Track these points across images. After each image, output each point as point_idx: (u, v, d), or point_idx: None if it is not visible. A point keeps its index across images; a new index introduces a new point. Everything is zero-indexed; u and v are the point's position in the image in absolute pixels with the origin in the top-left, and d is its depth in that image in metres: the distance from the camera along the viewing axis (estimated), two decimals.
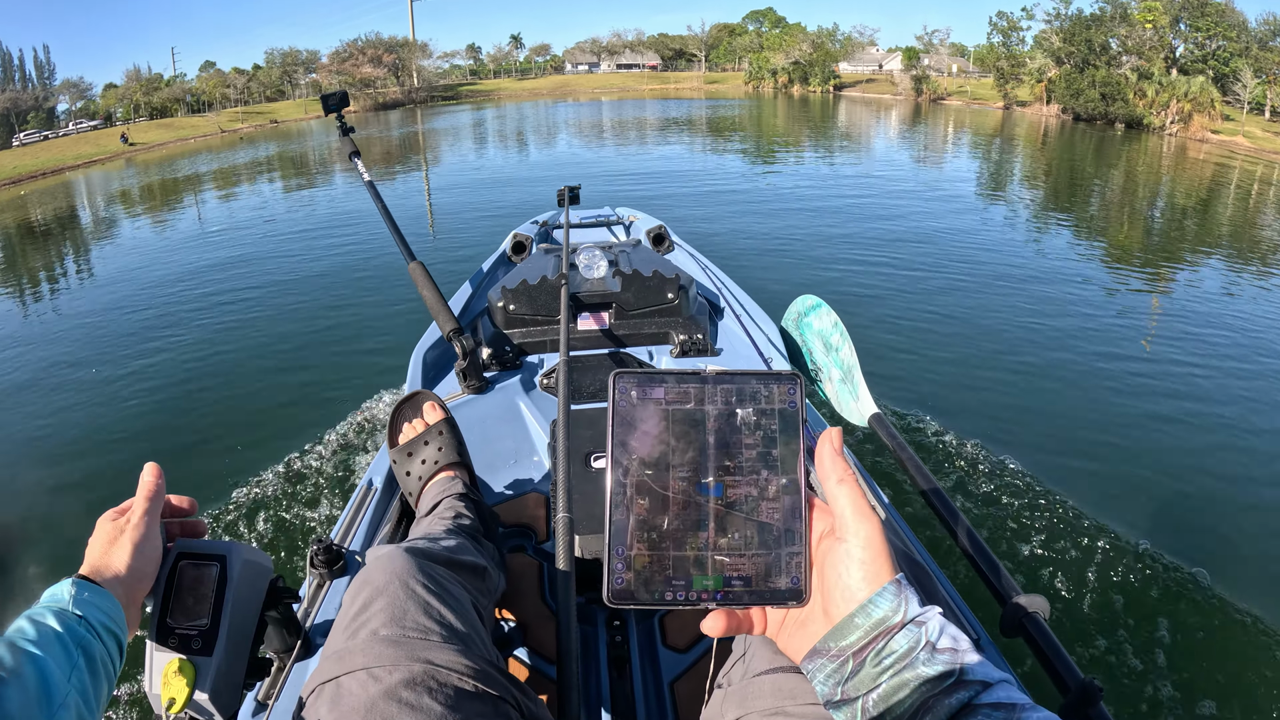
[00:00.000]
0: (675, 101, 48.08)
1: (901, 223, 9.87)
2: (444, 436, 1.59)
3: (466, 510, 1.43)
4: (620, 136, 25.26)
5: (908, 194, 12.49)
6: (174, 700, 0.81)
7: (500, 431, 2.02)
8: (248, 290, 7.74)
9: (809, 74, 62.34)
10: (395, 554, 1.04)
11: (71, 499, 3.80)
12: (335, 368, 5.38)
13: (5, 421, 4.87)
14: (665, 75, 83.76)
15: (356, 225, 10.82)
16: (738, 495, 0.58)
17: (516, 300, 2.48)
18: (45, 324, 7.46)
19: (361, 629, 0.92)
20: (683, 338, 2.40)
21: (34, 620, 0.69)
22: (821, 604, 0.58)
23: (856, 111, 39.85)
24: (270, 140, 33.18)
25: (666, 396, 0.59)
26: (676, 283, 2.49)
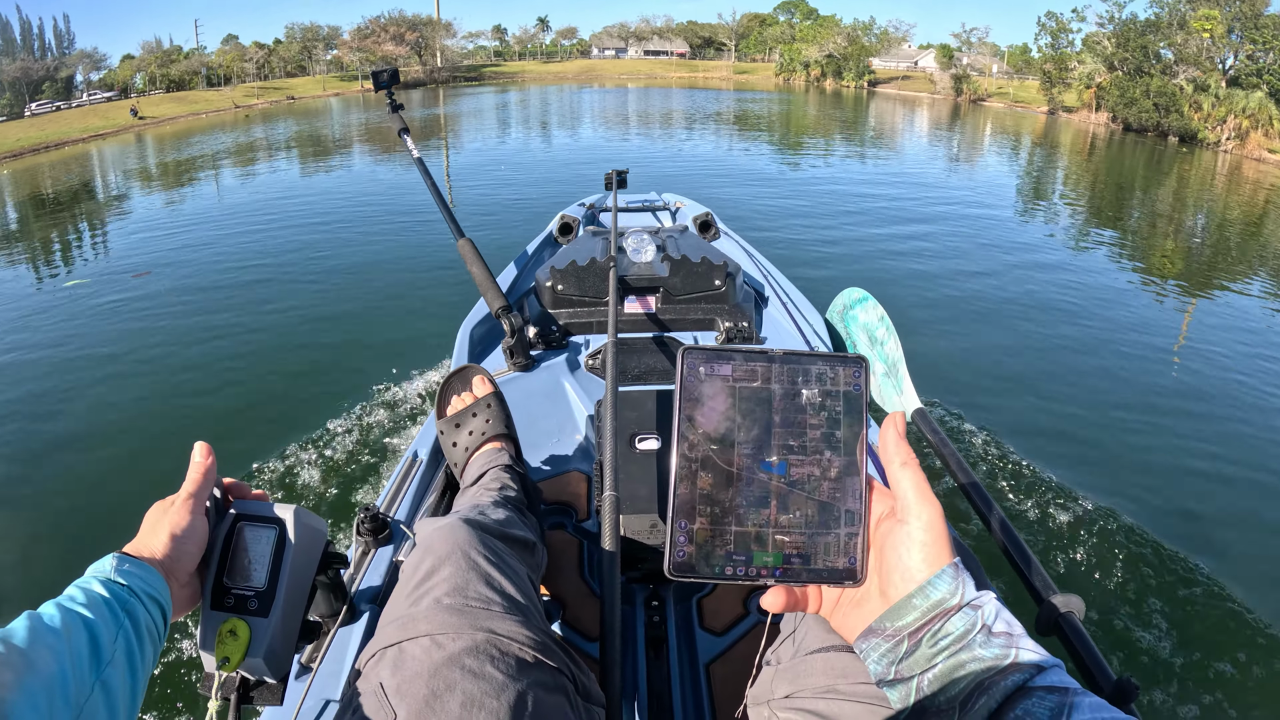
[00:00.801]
0: (704, 91, 47.94)
1: (942, 224, 9.94)
2: (492, 409, 1.63)
3: (512, 482, 1.47)
4: (650, 124, 25.31)
5: (948, 196, 12.55)
6: (228, 659, 0.83)
7: (544, 409, 2.09)
8: (293, 264, 7.95)
9: (843, 68, 61.79)
10: (457, 525, 1.08)
11: (121, 473, 3.92)
12: (379, 341, 5.53)
13: (43, 398, 4.98)
14: (694, 64, 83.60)
15: (402, 201, 11.05)
16: (800, 474, 0.60)
17: (564, 281, 2.54)
18: (82, 297, 7.59)
19: (424, 597, 0.95)
20: (728, 325, 2.46)
21: (81, 587, 0.72)
22: (879, 585, 0.60)
23: (893, 109, 39.66)
24: (289, 117, 33.23)
25: (734, 374, 0.61)
26: (724, 270, 2.55)
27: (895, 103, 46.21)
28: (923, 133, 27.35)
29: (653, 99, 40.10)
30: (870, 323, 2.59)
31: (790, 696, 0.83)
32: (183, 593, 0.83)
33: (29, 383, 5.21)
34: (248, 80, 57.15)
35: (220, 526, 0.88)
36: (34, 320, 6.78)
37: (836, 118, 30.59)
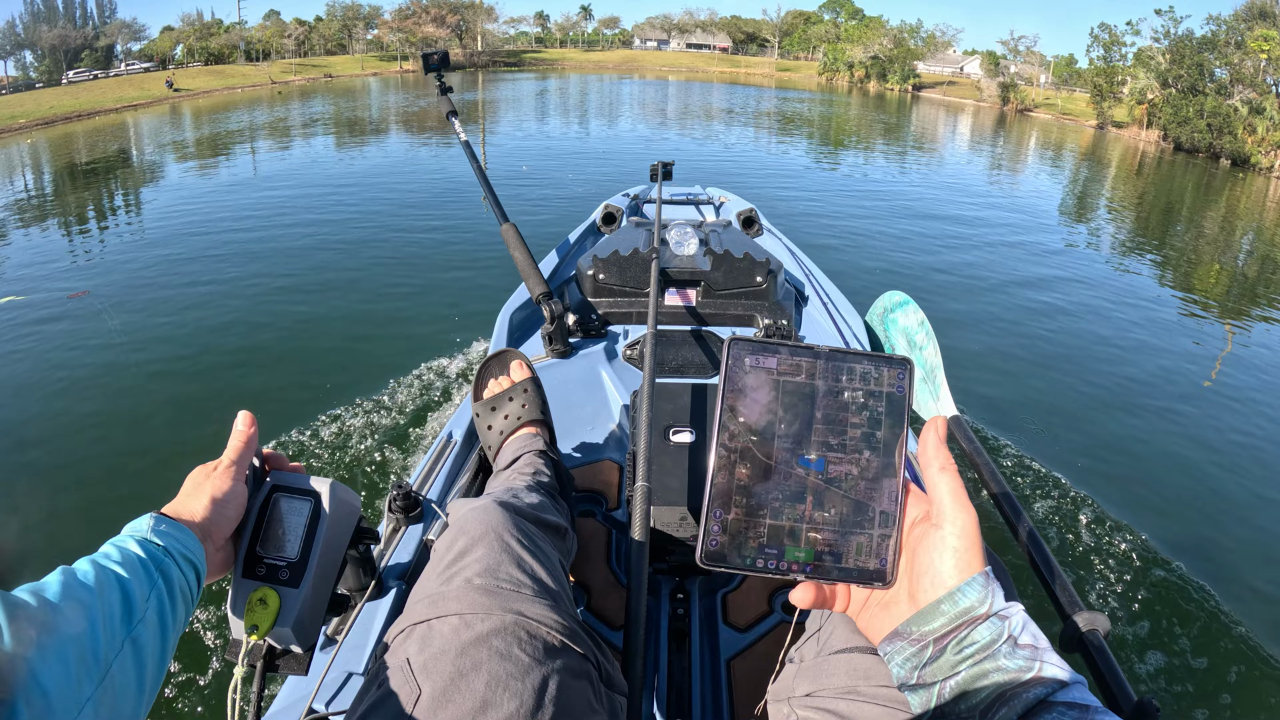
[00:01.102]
0: (745, 88, 47.64)
1: (983, 233, 9.88)
2: (528, 394, 1.64)
3: (545, 467, 1.47)
4: (690, 118, 25.23)
5: (991, 205, 12.45)
6: (257, 627, 0.84)
7: (580, 397, 2.11)
8: (329, 242, 8.03)
9: (887, 70, 61.33)
10: (491, 507, 1.09)
11: (160, 440, 4.00)
12: (415, 321, 5.61)
13: (87, 365, 5.05)
14: (736, 59, 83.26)
15: (440, 183, 11.17)
16: (838, 472, 0.61)
17: (606, 270, 2.57)
18: (125, 264, 7.68)
19: (456, 576, 0.95)
20: (767, 322, 2.47)
21: (116, 545, 0.73)
22: (908, 588, 0.61)
23: (938, 115, 39.23)
24: (326, 95, 33.37)
25: (779, 367, 0.62)
26: (766, 266, 2.56)
27: (940, 108, 45.73)
28: (967, 140, 27.05)
29: (694, 93, 39.99)
30: (910, 327, 2.61)
31: (811, 695, 0.83)
32: (217, 556, 0.85)
33: (64, 346, 5.32)
34: (287, 56, 57.58)
35: (257, 496, 0.90)
36: (69, 282, 6.91)
37: (879, 121, 30.29)
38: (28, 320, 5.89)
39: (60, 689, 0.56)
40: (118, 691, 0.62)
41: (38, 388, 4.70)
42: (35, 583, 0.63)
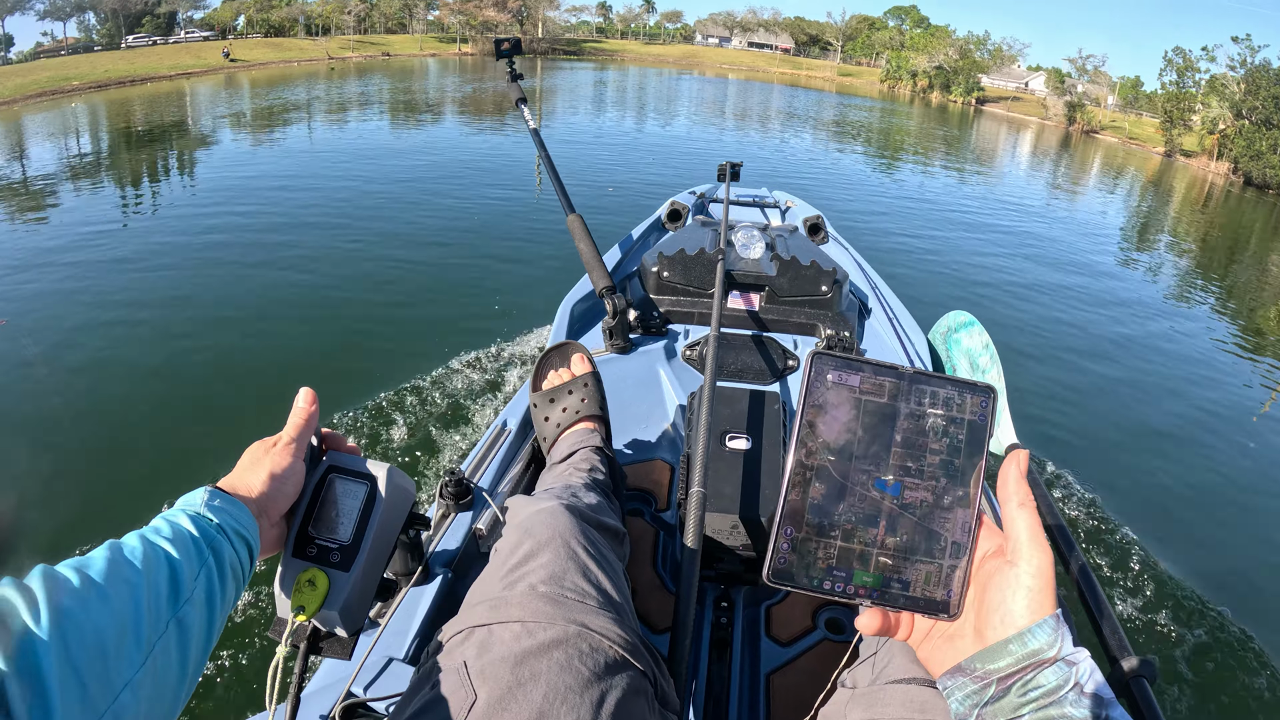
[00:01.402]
0: (806, 91, 47.23)
1: (1047, 254, 9.79)
2: (588, 389, 1.63)
3: (601, 464, 1.46)
4: (749, 119, 25.11)
5: (1056, 227, 12.31)
6: (304, 608, 0.83)
7: (636, 395, 2.10)
8: (388, 220, 8.09)
9: (951, 82, 60.63)
10: (559, 511, 1.07)
11: (211, 411, 4.07)
12: (472, 305, 5.66)
13: (134, 338, 5.09)
14: (797, 60, 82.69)
15: (499, 169, 11.27)
16: (914, 498, 0.60)
17: (671, 268, 2.55)
18: (179, 235, 7.79)
19: (519, 581, 0.94)
20: (830, 333, 2.43)
21: (168, 519, 0.71)
22: (974, 623, 0.59)
23: (1001, 130, 38.65)
24: (383, 74, 33.59)
25: (861, 385, 0.60)
26: (833, 276, 2.53)
27: (1003, 124, 45.02)
28: (1031, 159, 26.62)
29: (753, 93, 39.81)
30: (974, 349, 2.57)
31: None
32: (271, 533, 0.84)
33: (128, 305, 5.44)
34: (346, 33, 58.08)
35: (313, 475, 0.89)
36: (122, 246, 7.09)
37: (942, 133, 29.83)
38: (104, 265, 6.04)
39: (97, 671, 0.54)
40: (159, 674, 0.60)
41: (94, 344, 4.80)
42: (81, 557, 0.62)
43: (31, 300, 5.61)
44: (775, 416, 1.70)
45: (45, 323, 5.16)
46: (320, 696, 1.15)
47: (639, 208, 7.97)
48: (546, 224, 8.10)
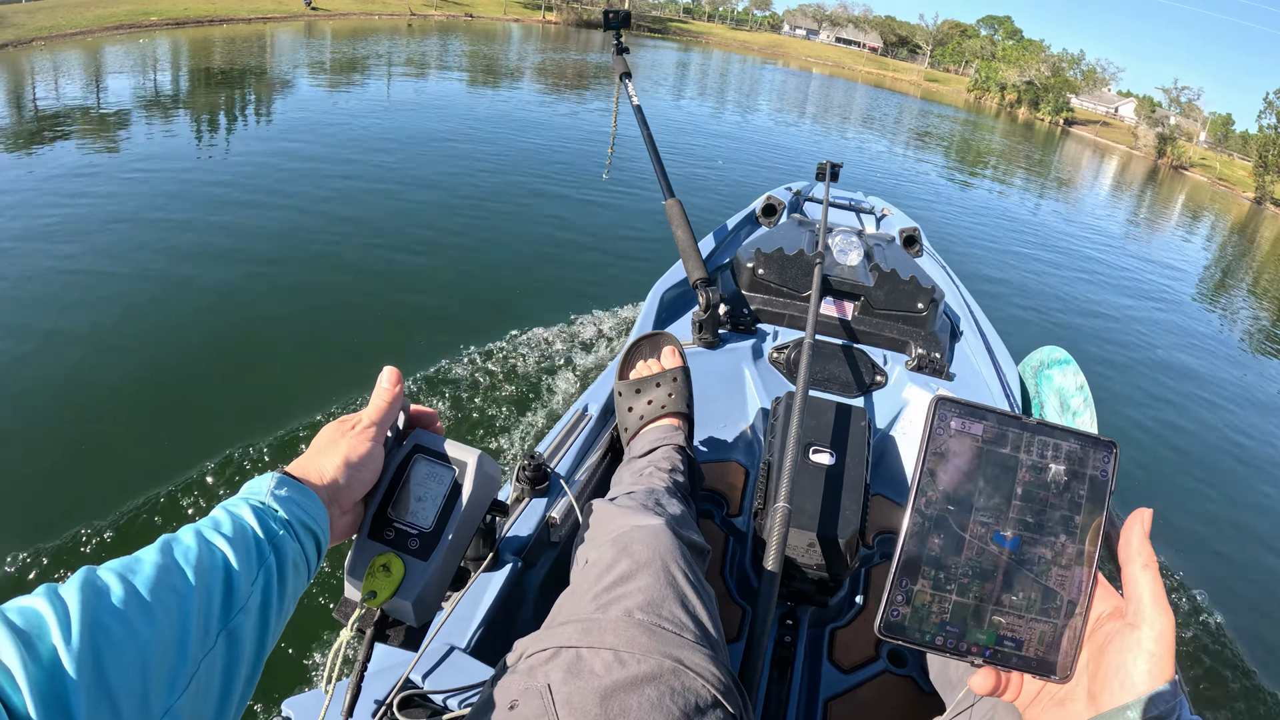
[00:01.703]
0: (890, 94, 46.12)
1: (1143, 284, 9.56)
2: (677, 384, 1.60)
3: (681, 465, 1.43)
4: (830, 116, 24.67)
5: (1148, 264, 11.86)
6: (375, 594, 0.79)
7: (719, 392, 2.06)
8: (468, 182, 8.04)
9: (1040, 99, 59.16)
10: (660, 531, 1.03)
11: (266, 371, 3.98)
12: (546, 275, 5.60)
13: (208, 295, 4.95)
14: (884, 61, 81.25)
15: (586, 141, 11.22)
16: (1032, 554, 0.58)
17: (767, 266, 2.50)
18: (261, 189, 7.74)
19: (614, 604, 0.90)
20: (920, 352, 2.37)
21: (229, 511, 0.67)
22: (1089, 687, 0.57)
23: (1086, 155, 37.46)
24: (464, 35, 33.21)
25: (984, 434, 0.59)
26: (930, 294, 2.46)
27: (1090, 149, 43.64)
28: (1119, 189, 25.71)
29: (836, 90, 39.00)
30: (1067, 389, 2.51)
31: None
32: (343, 520, 0.80)
33: (199, 258, 5.41)
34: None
35: (396, 453, 0.85)
36: (187, 183, 7.17)
37: (1025, 151, 28.95)
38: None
39: (135, 699, 0.49)
40: (202, 694, 0.56)
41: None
42: (130, 559, 0.57)
43: (94, 225, 5.66)
44: (860, 433, 1.66)
45: (111, 250, 5.24)
46: (376, 680, 1.11)
47: (708, 195, 7.85)
48: (624, 200, 8.04)
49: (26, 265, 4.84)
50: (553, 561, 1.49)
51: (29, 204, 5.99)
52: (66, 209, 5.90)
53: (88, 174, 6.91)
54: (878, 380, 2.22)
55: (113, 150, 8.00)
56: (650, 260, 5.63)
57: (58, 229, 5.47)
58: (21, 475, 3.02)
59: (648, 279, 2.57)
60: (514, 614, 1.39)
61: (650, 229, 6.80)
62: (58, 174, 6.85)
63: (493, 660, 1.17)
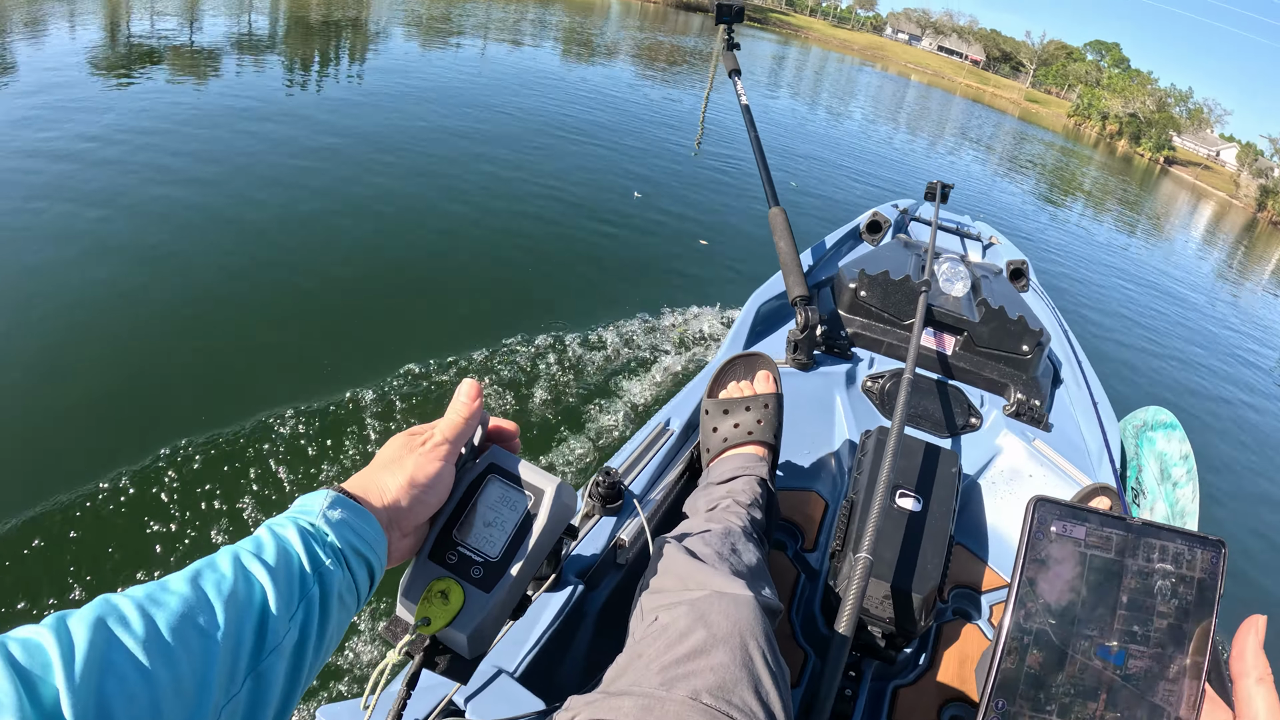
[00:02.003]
0: (988, 111, 44.63)
1: (1250, 343, 9.12)
2: (768, 411, 1.53)
3: (761, 499, 1.38)
4: (922, 128, 24.02)
5: (1258, 331, 11.15)
6: (429, 620, 0.74)
7: (807, 416, 1.98)
8: (543, 156, 7.87)
9: (1142, 133, 57.44)
10: (744, 603, 0.96)
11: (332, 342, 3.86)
12: (624, 266, 5.41)
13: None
14: (985, 75, 79.53)
15: (676, 129, 10.89)
16: (1138, 669, 0.54)
17: (870, 289, 2.40)
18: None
19: (682, 681, 0.83)
20: (1020, 398, 2.25)
21: (274, 533, 0.61)
22: None
23: (1182, 198, 35.98)
24: (564, 7, 32.59)
25: (1087, 539, 0.56)
26: (1037, 336, 2.34)
27: (1188, 192, 41.95)
28: (1214, 239, 24.56)
29: (933, 101, 37.94)
30: (1169, 455, 2.37)
31: None
32: (404, 543, 0.74)
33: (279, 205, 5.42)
34: None
35: (469, 471, 0.80)
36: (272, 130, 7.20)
37: (1119, 187, 27.82)
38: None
39: None
40: None
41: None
42: (156, 586, 0.52)
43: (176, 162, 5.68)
44: (950, 480, 1.58)
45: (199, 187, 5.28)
46: (415, 700, 1.05)
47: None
48: (712, 196, 7.84)
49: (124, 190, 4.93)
50: (616, 585, 1.43)
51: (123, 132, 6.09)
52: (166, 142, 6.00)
53: (182, 112, 6.98)
54: (971, 422, 2.11)
55: (200, 88, 8.09)
56: (739, 261, 5.45)
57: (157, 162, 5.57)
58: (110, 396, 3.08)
59: (733, 280, 2.48)
60: (569, 639, 1.33)
61: (742, 226, 6.62)
62: (151, 108, 6.92)
63: (541, 691, 1.13)
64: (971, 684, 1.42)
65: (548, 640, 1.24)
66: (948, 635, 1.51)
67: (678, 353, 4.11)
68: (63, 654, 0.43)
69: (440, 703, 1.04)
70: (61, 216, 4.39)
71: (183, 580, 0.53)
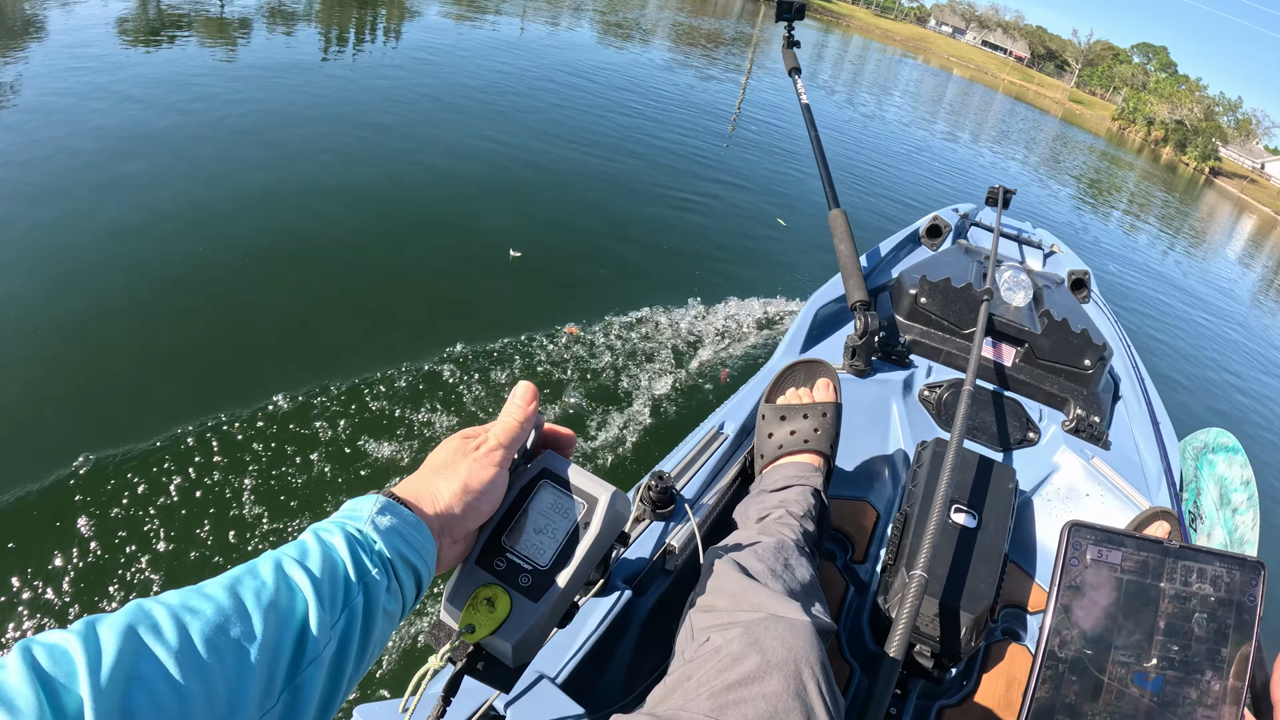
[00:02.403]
0: (1030, 110, 43.71)
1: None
2: (826, 420, 1.53)
3: (814, 510, 1.36)
4: (963, 126, 23.68)
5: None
6: (474, 628, 0.72)
7: (862, 424, 1.95)
8: (583, 137, 7.78)
9: (1189, 141, 56.31)
10: (802, 628, 0.93)
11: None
12: (661, 251, 5.36)
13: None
14: (1029, 72, 78.42)
15: (712, 116, 10.82)
16: (1175, 695, 0.53)
17: (931, 295, 2.36)
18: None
19: (733, 709, 0.81)
20: (1079, 413, 2.20)
21: (320, 539, 0.59)
22: None
23: (1225, 212, 35.19)
24: None
25: (1123, 564, 0.55)
26: (1100, 351, 2.29)
27: (1234, 206, 41.00)
28: (1266, 257, 24.26)
29: (975, 97, 37.33)
30: (1230, 480, 2.33)
31: None
32: (454, 549, 0.72)
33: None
34: None
35: (521, 475, 0.78)
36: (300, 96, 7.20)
37: (1161, 197, 27.12)
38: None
39: None
40: None
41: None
42: (193, 593, 0.50)
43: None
44: (1006, 496, 1.55)
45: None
46: (456, 702, 1.03)
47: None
48: (763, 186, 7.73)
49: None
50: (664, 592, 1.41)
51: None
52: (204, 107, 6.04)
53: (217, 80, 6.96)
54: (1029, 437, 2.07)
55: (230, 56, 8.03)
56: (776, 249, 5.48)
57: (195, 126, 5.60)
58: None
59: (765, 267, 2.42)
60: (614, 646, 1.32)
61: (800, 223, 6.52)
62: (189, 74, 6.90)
63: (583, 697, 1.12)
64: (1017, 707, 1.38)
65: (592, 646, 1.22)
66: (995, 656, 1.49)
67: (709, 342, 4.09)
68: (89, 662, 0.41)
69: (481, 707, 1.03)
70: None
71: (220, 587, 0.51)
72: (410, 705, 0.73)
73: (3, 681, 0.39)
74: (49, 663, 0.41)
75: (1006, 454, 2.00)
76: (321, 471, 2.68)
